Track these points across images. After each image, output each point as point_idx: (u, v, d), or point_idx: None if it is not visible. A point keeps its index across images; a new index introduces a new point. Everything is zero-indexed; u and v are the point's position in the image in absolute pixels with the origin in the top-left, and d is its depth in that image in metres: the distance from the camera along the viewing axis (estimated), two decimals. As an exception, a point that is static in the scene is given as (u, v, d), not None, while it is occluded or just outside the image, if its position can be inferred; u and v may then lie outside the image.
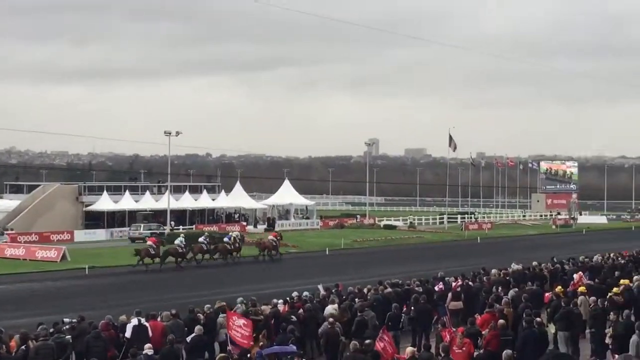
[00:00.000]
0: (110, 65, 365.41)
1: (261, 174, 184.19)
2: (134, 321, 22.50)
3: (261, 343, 21.91)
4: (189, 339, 21.85)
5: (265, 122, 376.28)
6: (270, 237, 63.51)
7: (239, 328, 22.98)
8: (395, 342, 22.89)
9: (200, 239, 59.04)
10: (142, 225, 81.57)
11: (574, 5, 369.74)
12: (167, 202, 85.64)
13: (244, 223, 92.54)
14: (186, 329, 22.83)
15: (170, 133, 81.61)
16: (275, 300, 27.21)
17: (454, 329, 21.75)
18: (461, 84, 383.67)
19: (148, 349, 19.37)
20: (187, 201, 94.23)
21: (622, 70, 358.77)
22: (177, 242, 57.04)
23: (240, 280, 46.36)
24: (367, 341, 20.48)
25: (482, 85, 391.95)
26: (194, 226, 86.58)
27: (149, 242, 56.63)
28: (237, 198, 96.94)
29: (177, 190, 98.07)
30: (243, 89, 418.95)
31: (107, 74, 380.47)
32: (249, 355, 19.60)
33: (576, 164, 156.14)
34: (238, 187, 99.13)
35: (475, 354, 20.07)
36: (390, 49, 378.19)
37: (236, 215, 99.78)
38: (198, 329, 21.99)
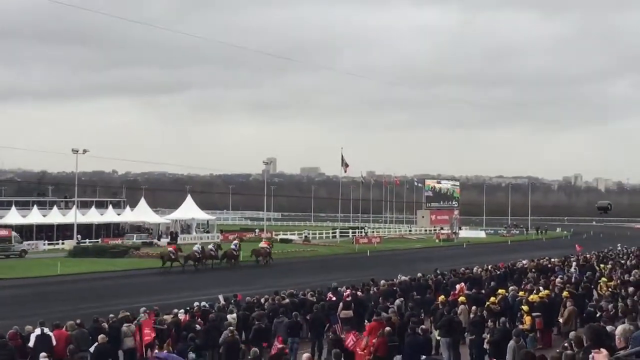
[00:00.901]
0: (18, 87, 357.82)
1: (165, 190, 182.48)
2: (37, 331, 22.00)
3: (165, 351, 21.69)
4: (92, 348, 21.48)
5: (169, 142, 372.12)
6: (264, 245, 68.70)
7: (147, 334, 23.18)
8: (293, 349, 22.96)
9: (210, 247, 64.58)
10: (134, 235, 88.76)
11: (457, 39, 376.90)
12: (74, 216, 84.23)
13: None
14: (91, 338, 22.42)
15: (77, 151, 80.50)
16: (176, 310, 27.04)
17: (359, 333, 21.90)
18: (353, 109, 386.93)
19: (43, 358, 18.90)
20: (93, 216, 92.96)
21: (499, 98, 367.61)
22: (195, 248, 62.72)
23: (146, 291, 45.55)
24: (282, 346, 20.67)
25: (372, 110, 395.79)
26: (100, 240, 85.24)
27: (170, 249, 62.63)
28: (142, 213, 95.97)
29: (84, 206, 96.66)
30: (148, 111, 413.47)
31: (16, 94, 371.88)
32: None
33: (458, 183, 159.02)
34: (142, 202, 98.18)
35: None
36: (288, 75, 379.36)
37: (140, 230, 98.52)
38: (101, 337, 21.62)
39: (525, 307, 25.76)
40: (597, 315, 23.66)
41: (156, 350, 21.78)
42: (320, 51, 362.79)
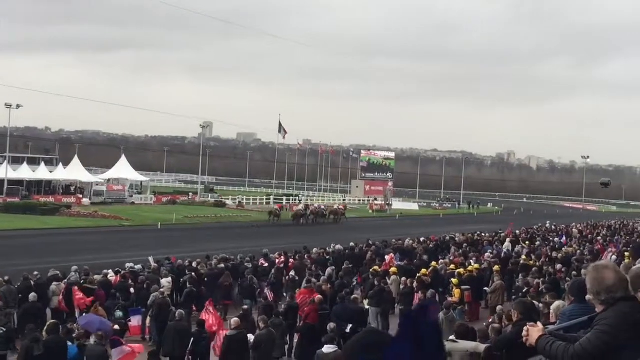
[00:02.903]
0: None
1: (98, 150, 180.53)
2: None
3: (92, 313, 21.46)
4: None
5: (105, 101, 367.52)
6: (340, 207, 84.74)
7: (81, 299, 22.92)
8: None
9: (316, 205, 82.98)
10: (209, 195, 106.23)
11: (400, 12, 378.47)
12: (5, 172, 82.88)
13: (80, 195, 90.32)
14: (21, 295, 22.15)
15: (10, 105, 79.06)
16: (106, 271, 26.88)
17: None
18: (293, 76, 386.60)
19: None
20: (25, 172, 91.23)
21: (436, 73, 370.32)
22: (299, 207, 78.90)
23: (77, 251, 44.99)
24: (245, 307, 20.88)
25: (313, 78, 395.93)
26: (29, 195, 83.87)
27: (276, 207, 78.51)
28: (75, 171, 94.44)
29: (15, 162, 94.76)
30: (85, 69, 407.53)
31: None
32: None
33: (393, 155, 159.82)
34: (76, 160, 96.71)
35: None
36: (229, 39, 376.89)
37: (72, 188, 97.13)
38: (33, 296, 21.39)
39: (454, 280, 26.17)
40: (524, 290, 24.11)
41: (84, 314, 21.47)
42: (264, 17, 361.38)
